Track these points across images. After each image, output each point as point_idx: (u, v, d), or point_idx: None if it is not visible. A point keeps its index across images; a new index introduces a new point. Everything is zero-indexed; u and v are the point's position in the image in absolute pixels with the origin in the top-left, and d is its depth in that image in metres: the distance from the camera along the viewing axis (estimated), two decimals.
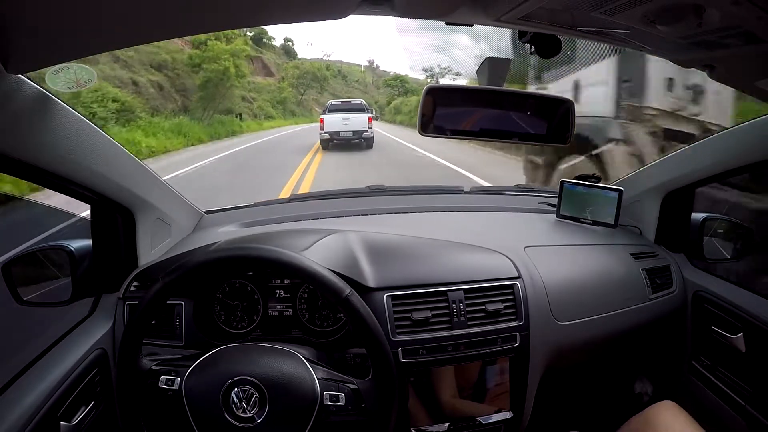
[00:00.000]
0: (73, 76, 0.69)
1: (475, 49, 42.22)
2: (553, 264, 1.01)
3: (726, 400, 1.01)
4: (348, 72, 55.36)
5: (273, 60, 37.60)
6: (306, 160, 9.18)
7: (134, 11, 0.50)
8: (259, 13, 0.59)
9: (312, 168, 8.16)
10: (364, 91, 50.19)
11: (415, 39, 74.08)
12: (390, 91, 41.84)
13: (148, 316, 0.69)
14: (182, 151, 11.43)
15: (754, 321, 0.95)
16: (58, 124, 0.66)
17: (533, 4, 0.51)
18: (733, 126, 0.96)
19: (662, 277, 1.12)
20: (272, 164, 8.94)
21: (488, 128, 0.79)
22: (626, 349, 1.19)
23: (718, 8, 0.47)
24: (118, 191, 0.85)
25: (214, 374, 0.67)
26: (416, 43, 76.88)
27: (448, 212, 1.33)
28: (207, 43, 16.57)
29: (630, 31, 0.57)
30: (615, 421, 0.94)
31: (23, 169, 0.63)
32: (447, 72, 40.87)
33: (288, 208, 1.33)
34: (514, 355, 0.87)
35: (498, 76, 0.76)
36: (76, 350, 0.80)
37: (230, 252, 0.70)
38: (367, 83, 57.52)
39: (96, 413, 0.80)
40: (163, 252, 1.03)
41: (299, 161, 9.01)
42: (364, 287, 0.83)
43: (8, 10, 0.45)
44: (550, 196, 1.38)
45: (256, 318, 0.94)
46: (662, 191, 1.19)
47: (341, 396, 0.67)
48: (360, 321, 0.68)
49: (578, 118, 0.79)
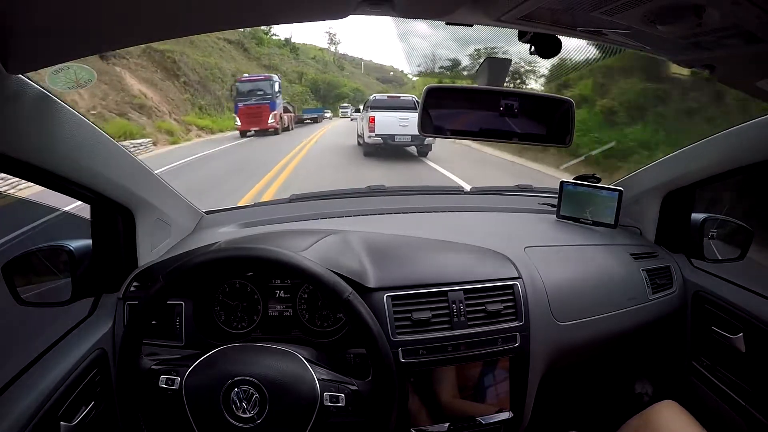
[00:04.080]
0: (73, 76, 0.69)
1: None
2: (553, 264, 1.01)
3: (726, 400, 1.01)
4: (302, 50, 48.57)
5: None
6: None
7: (134, 11, 0.50)
8: (259, 13, 0.59)
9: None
10: (323, 72, 45.93)
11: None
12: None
13: (148, 316, 0.69)
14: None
15: (754, 321, 0.95)
16: (58, 124, 0.66)
17: (533, 4, 0.51)
18: (734, 126, 0.96)
19: (662, 277, 1.12)
20: None
21: (488, 128, 0.78)
22: (626, 349, 1.19)
23: (718, 8, 0.47)
24: (118, 191, 0.85)
25: (215, 374, 0.67)
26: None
27: (449, 212, 1.33)
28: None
29: (630, 31, 0.57)
30: (615, 421, 0.94)
31: (23, 169, 0.63)
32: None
33: (288, 209, 1.33)
34: (514, 356, 0.87)
35: (498, 76, 0.76)
36: (76, 350, 0.80)
37: (230, 252, 0.70)
38: (327, 62, 52.42)
39: (96, 413, 0.80)
40: (163, 252, 1.03)
41: None
42: (364, 287, 0.83)
43: (8, 10, 0.45)
44: (550, 196, 1.39)
45: (256, 318, 0.94)
46: (662, 191, 1.19)
47: (341, 397, 0.67)
48: (360, 322, 0.68)
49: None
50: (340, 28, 69.62)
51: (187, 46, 20.54)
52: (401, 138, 8.57)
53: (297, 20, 0.61)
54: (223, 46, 27.10)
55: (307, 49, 50.89)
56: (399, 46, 79.93)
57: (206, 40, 24.28)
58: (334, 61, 55.40)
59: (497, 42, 12.03)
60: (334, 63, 55.17)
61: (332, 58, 56.09)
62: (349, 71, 60.10)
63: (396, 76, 74.61)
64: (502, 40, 10.85)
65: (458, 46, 25.61)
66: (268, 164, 8.03)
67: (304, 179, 6.82)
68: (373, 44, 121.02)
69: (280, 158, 8.95)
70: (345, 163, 8.65)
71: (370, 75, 70.97)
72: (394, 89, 39.54)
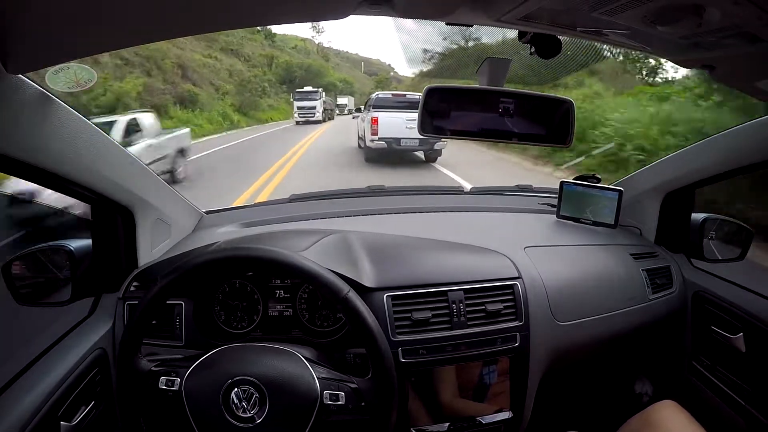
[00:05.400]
0: (73, 76, 0.69)
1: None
2: (553, 264, 1.01)
3: (726, 400, 1.01)
4: (281, 39, 42.39)
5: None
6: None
7: (134, 11, 0.50)
8: (259, 13, 0.59)
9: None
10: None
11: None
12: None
13: (148, 316, 0.70)
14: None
15: (754, 321, 0.95)
16: (58, 124, 0.66)
17: (533, 4, 0.51)
18: (734, 126, 0.96)
19: (662, 277, 1.12)
20: None
21: (488, 128, 0.78)
22: (626, 349, 1.19)
23: (718, 8, 0.47)
24: (118, 191, 0.85)
25: (214, 374, 0.67)
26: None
27: (448, 212, 1.33)
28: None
29: (630, 31, 0.57)
30: (615, 421, 0.94)
31: (23, 169, 0.63)
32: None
33: (288, 209, 1.33)
34: (514, 355, 0.87)
35: (498, 76, 0.76)
36: (76, 350, 0.80)
37: (229, 252, 0.70)
38: (309, 51, 47.72)
39: (96, 413, 0.80)
40: (163, 252, 1.03)
41: None
42: (364, 287, 0.83)
43: (8, 10, 0.45)
44: (550, 196, 1.39)
45: (256, 318, 0.94)
46: (662, 191, 1.19)
47: (341, 395, 0.67)
48: (359, 320, 0.68)
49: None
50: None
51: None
52: (408, 142, 7.39)
53: (297, 20, 0.61)
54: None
55: (288, 39, 45.70)
56: (391, 40, 78.43)
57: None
58: (317, 52, 51.28)
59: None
60: (318, 53, 50.71)
61: (315, 49, 51.69)
62: (335, 63, 55.70)
63: (383, 68, 72.25)
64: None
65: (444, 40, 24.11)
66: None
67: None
68: (360, 38, 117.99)
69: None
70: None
71: (356, 68, 68.49)
72: (390, 85, 36.72)
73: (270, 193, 5.48)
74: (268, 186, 5.98)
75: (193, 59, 21.74)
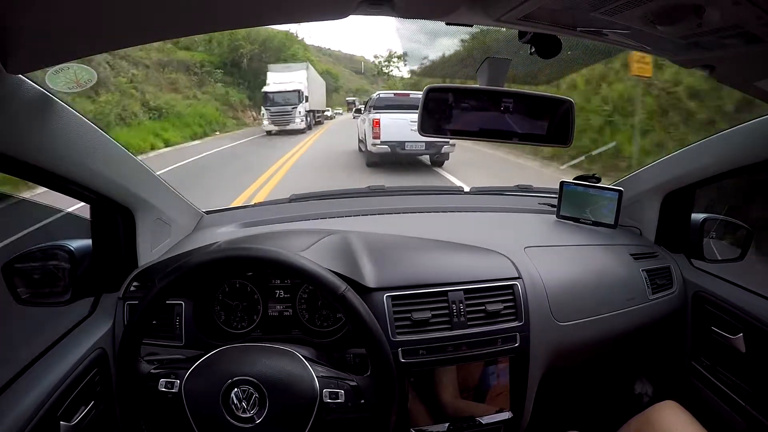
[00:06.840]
0: (73, 76, 0.69)
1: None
2: (553, 264, 1.01)
3: (726, 400, 1.01)
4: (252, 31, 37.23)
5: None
6: None
7: (134, 11, 0.50)
8: (259, 14, 0.59)
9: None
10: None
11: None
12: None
13: (148, 316, 0.70)
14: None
15: (754, 321, 0.95)
16: (58, 124, 0.66)
17: (533, 4, 0.51)
18: (734, 126, 0.96)
19: (662, 277, 1.12)
20: None
21: (488, 128, 0.78)
22: (626, 349, 1.19)
23: (718, 8, 0.47)
24: (117, 191, 0.85)
25: (214, 375, 0.67)
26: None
27: (448, 212, 1.33)
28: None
29: (630, 31, 0.57)
30: (615, 421, 0.94)
31: (23, 169, 0.63)
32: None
33: (288, 209, 1.33)
34: (514, 356, 0.87)
35: (498, 76, 0.76)
36: (76, 350, 0.80)
37: (229, 252, 0.70)
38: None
39: (96, 413, 0.80)
40: (163, 252, 1.03)
41: None
42: (364, 287, 0.83)
43: (8, 10, 0.45)
44: (550, 196, 1.38)
45: (256, 318, 0.94)
46: (662, 191, 1.19)
47: (341, 393, 0.67)
48: (357, 318, 0.68)
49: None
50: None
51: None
52: (413, 145, 6.84)
53: (297, 20, 0.61)
54: None
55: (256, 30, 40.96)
56: (380, 38, 77.02)
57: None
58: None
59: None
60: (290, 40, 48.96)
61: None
62: (317, 57, 52.77)
63: (368, 66, 69.64)
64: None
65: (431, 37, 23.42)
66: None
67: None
68: (342, 33, 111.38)
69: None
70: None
71: (339, 63, 66.91)
72: (380, 83, 34.32)
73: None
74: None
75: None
